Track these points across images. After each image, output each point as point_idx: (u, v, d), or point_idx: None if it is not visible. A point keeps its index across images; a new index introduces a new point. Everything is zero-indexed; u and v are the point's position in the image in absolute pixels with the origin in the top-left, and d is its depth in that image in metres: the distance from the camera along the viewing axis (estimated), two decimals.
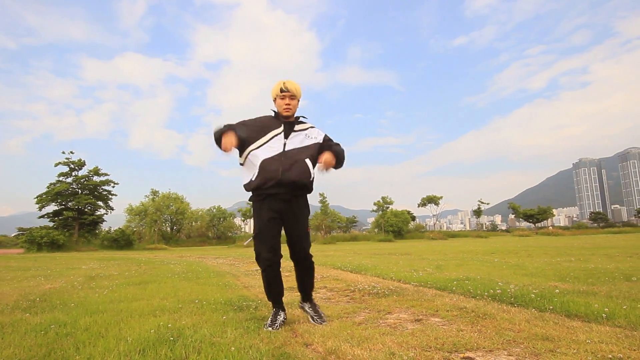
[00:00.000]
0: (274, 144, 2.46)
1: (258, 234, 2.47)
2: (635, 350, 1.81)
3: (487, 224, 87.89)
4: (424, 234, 54.37)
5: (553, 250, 10.60)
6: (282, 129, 2.52)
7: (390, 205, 58.10)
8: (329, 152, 2.48)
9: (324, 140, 2.62)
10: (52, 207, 37.10)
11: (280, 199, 2.45)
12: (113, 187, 39.92)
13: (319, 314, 2.61)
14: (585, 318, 2.47)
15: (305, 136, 2.56)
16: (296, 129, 2.56)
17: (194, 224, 56.41)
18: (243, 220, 65.06)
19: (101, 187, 39.13)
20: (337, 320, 2.62)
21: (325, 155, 2.45)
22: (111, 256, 16.98)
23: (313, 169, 2.54)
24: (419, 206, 68.34)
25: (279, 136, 2.49)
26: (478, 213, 69.75)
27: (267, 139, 2.48)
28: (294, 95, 2.55)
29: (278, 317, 2.47)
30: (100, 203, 39.04)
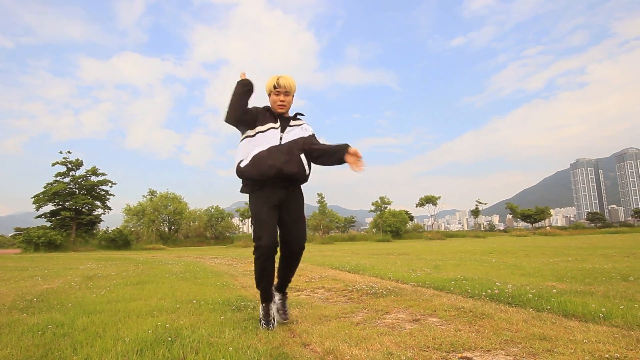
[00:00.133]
0: (270, 136, 2.45)
1: (258, 219, 2.41)
2: (632, 350, 1.82)
3: (485, 224, 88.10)
4: (422, 234, 54.46)
5: (550, 250, 10.63)
6: (279, 124, 2.51)
7: (388, 206, 58.17)
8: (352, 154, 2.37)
9: (311, 136, 2.59)
10: (50, 207, 37.05)
11: (278, 187, 2.44)
12: (111, 187, 39.89)
13: (284, 309, 2.60)
14: (583, 318, 2.48)
15: (300, 129, 2.57)
16: (292, 124, 2.56)
17: (192, 224, 56.30)
18: (241, 221, 64.98)
19: (99, 187, 39.04)
20: (335, 320, 2.61)
21: (353, 158, 2.35)
22: (109, 256, 16.94)
23: (308, 163, 2.53)
24: (417, 206, 68.48)
25: (276, 130, 2.49)
26: (476, 213, 69.90)
27: (264, 129, 2.47)
28: (288, 92, 2.53)
29: (270, 312, 2.43)
30: (97, 203, 38.97)
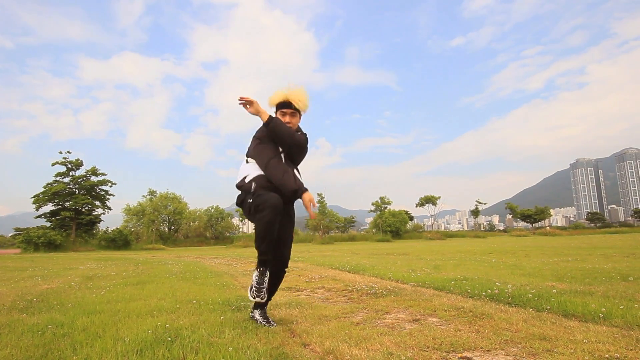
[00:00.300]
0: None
1: (261, 194, 2.30)
2: (632, 350, 1.82)
3: (485, 224, 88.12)
4: (421, 234, 54.48)
5: (550, 250, 10.64)
6: (282, 152, 2.43)
7: (388, 206, 58.17)
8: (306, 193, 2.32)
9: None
10: (50, 207, 37.06)
11: None
12: (110, 187, 39.91)
13: (268, 320, 2.48)
14: (583, 318, 2.48)
15: None
16: None
17: (191, 224, 56.30)
18: (241, 221, 64.96)
19: (98, 187, 39.04)
20: (335, 320, 2.61)
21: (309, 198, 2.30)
22: (109, 256, 16.93)
23: (299, 175, 2.49)
24: (417, 206, 68.49)
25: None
26: (476, 213, 69.91)
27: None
28: (295, 112, 2.39)
29: (264, 279, 2.28)
30: (97, 203, 38.98)
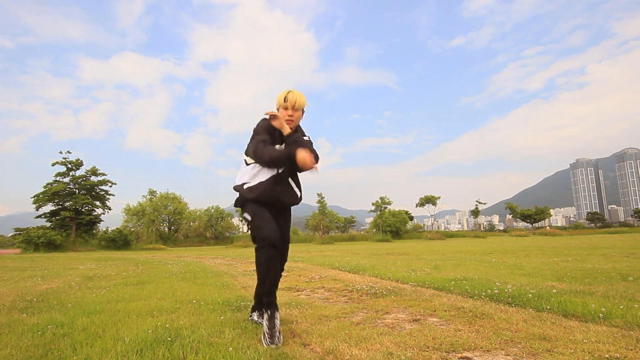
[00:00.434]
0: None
1: (257, 215, 2.30)
2: (632, 350, 1.82)
3: (485, 224, 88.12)
4: (421, 234, 54.48)
5: (550, 250, 10.63)
6: (283, 147, 2.38)
7: (388, 206, 58.18)
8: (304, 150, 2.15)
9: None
10: (50, 207, 37.06)
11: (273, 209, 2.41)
12: (110, 187, 39.92)
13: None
14: (583, 318, 2.48)
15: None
16: (289, 141, 2.38)
17: (191, 224, 56.30)
18: (241, 221, 64.96)
19: (98, 187, 39.05)
20: (335, 320, 2.61)
21: (304, 155, 2.12)
22: (109, 256, 16.93)
23: (299, 184, 2.50)
24: (417, 206, 68.49)
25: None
26: (476, 213, 69.90)
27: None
28: (296, 107, 2.44)
29: (276, 323, 2.11)
30: (97, 203, 38.99)
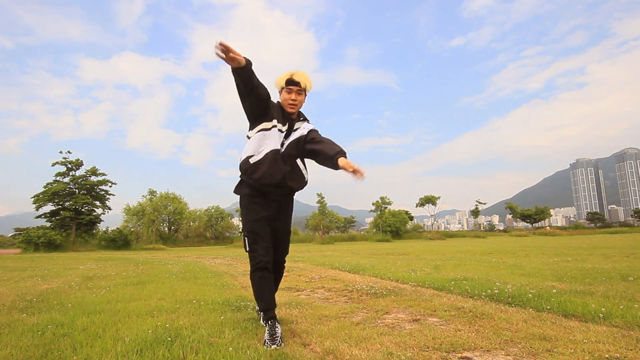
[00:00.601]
0: (276, 136, 2.27)
1: (252, 231, 2.29)
2: (632, 350, 1.82)
3: (485, 224, 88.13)
4: (421, 234, 54.48)
5: (550, 250, 10.63)
6: (286, 129, 2.32)
7: (388, 206, 58.17)
8: (345, 161, 2.14)
9: (309, 132, 2.40)
10: (49, 207, 37.05)
11: (275, 196, 2.34)
12: (110, 187, 39.90)
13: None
14: (583, 318, 2.48)
15: (300, 131, 2.38)
16: (295, 127, 2.37)
17: (191, 224, 56.29)
18: (241, 221, 64.96)
19: (98, 187, 39.04)
20: (335, 320, 2.62)
21: (355, 167, 2.11)
22: (109, 256, 16.93)
23: (305, 167, 2.41)
24: (417, 206, 68.49)
25: (281, 134, 2.30)
26: (476, 213, 69.89)
27: (269, 127, 2.27)
28: (301, 90, 2.33)
29: (277, 331, 2.12)
30: (97, 203, 38.98)
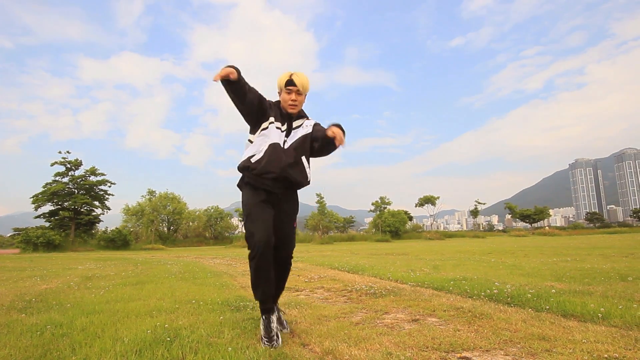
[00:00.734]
0: (275, 134, 2.28)
1: (250, 214, 2.21)
2: (630, 349, 1.82)
3: (484, 224, 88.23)
4: (421, 234, 54.48)
5: (549, 251, 10.65)
6: (286, 127, 2.34)
7: (388, 206, 58.18)
8: (336, 127, 2.21)
9: (313, 127, 2.42)
10: (49, 207, 36.98)
11: (277, 191, 2.29)
12: (110, 187, 39.85)
13: (281, 321, 2.38)
14: (582, 318, 2.49)
15: (302, 128, 2.39)
16: (295, 125, 2.38)
17: (191, 224, 56.25)
18: (240, 221, 64.96)
19: (98, 187, 38.99)
20: (335, 320, 2.62)
21: (334, 130, 2.17)
22: (108, 256, 16.91)
23: (309, 166, 2.40)
24: (416, 206, 68.46)
25: (282, 133, 2.31)
26: (475, 213, 69.92)
27: (269, 124, 2.30)
28: (301, 91, 2.34)
29: (272, 327, 2.09)
30: (96, 203, 38.92)
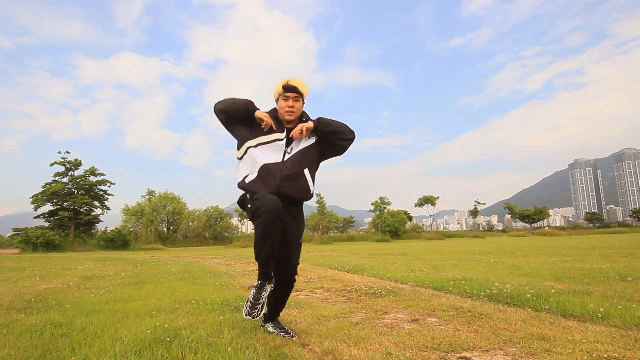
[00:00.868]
0: (274, 150, 2.16)
1: (256, 191, 2.10)
2: (630, 349, 1.82)
3: (484, 224, 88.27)
4: (420, 234, 54.49)
5: (549, 251, 10.65)
6: (285, 136, 2.19)
7: (387, 206, 58.19)
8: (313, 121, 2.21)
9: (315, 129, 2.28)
10: (48, 207, 36.95)
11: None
12: (109, 187, 39.82)
13: (286, 329, 2.30)
14: (581, 318, 2.49)
15: (304, 140, 2.24)
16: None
17: (190, 224, 56.23)
18: (240, 221, 64.94)
19: (97, 187, 38.96)
20: (334, 320, 2.62)
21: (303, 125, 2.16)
22: (107, 256, 16.90)
23: (312, 179, 2.25)
24: (416, 206, 68.47)
25: (280, 143, 2.18)
26: (474, 213, 69.95)
27: (268, 140, 2.17)
28: (298, 97, 2.23)
29: (262, 295, 2.03)
30: (96, 203, 38.89)
